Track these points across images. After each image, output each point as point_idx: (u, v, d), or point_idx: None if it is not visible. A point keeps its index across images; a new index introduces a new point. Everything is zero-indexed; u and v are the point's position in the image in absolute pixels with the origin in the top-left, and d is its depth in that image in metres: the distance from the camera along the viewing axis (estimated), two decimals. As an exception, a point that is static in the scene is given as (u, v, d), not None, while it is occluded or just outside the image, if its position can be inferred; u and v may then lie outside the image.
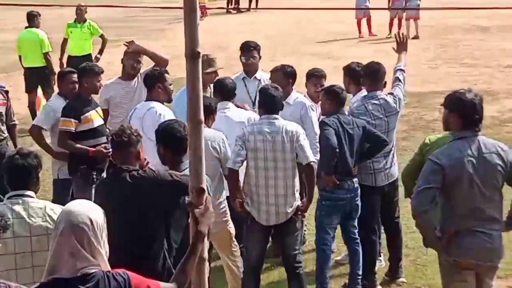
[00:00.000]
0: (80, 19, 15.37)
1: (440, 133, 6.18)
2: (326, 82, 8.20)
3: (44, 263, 3.64)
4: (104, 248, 3.59)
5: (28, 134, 9.11)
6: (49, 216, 4.83)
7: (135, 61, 8.48)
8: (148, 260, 5.22)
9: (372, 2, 24.25)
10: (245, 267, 7.05)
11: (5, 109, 8.89)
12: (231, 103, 7.64)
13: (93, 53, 15.23)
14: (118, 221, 4.96)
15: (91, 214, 3.57)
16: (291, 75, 8.08)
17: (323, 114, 7.49)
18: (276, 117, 6.86)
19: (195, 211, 3.88)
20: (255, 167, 6.77)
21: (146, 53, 8.62)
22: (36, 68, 13.97)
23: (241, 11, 30.68)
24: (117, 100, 8.42)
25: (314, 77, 8.31)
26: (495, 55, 19.93)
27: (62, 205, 4.20)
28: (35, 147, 8.00)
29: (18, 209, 4.84)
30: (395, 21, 22.99)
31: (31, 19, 14.19)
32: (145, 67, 8.57)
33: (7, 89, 9.10)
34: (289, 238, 6.94)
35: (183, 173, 5.37)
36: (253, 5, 30.32)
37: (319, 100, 7.84)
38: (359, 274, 7.31)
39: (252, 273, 6.98)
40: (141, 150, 5.45)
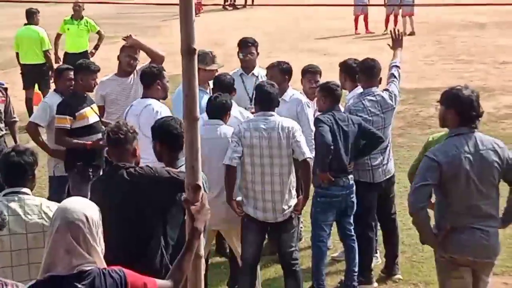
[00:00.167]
0: (77, 16, 15.36)
1: (443, 131, 6.14)
2: (321, 78, 8.18)
3: (40, 260, 3.64)
4: (100, 245, 3.59)
5: (24, 131, 9.09)
6: (45, 213, 4.83)
7: (132, 58, 8.46)
8: (145, 257, 5.22)
9: (368, -1, 24.27)
10: (241, 265, 7.05)
11: (4, 106, 8.86)
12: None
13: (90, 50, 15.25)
14: (115, 219, 4.96)
15: (86, 211, 3.57)
16: (287, 71, 8.06)
17: (318, 110, 7.49)
18: (272, 113, 6.86)
19: (191, 208, 3.88)
20: (251, 164, 6.77)
21: (143, 48, 8.60)
22: (34, 65, 13.92)
23: (237, 7, 30.67)
24: (113, 96, 8.41)
25: (308, 73, 8.28)
26: (491, 51, 19.90)
27: (57, 202, 4.20)
28: (31, 144, 7.99)
29: (14, 206, 4.84)
30: (391, 17, 22.97)
31: (30, 16, 14.10)
32: (140, 64, 8.57)
33: (6, 86, 9.07)
34: (285, 235, 6.94)
35: (180, 170, 5.37)
36: (249, 1, 30.35)
37: (314, 96, 7.83)
38: (355, 270, 7.31)
39: (248, 270, 6.97)
40: (137, 147, 5.44)
